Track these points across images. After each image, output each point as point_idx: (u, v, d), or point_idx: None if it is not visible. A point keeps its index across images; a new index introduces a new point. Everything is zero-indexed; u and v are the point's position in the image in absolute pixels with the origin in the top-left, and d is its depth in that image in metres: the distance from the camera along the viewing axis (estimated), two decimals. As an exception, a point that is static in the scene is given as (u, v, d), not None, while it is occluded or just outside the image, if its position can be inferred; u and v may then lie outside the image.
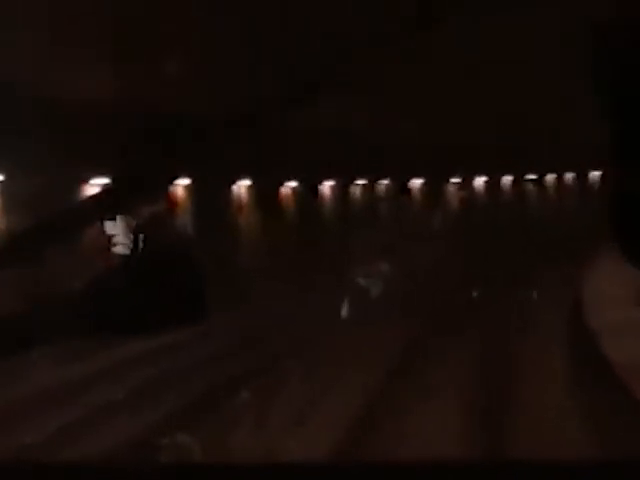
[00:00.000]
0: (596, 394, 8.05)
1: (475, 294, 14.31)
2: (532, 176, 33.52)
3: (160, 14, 15.55)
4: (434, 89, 22.76)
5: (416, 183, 31.42)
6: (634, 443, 6.37)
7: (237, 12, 15.98)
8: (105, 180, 16.65)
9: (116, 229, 13.85)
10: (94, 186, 16.38)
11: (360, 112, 23.08)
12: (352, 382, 9.20)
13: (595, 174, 31.10)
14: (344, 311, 13.14)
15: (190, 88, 17.34)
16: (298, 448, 7.05)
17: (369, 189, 29.43)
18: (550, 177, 33.89)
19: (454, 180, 33.82)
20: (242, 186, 22.49)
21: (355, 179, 28.94)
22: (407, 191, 30.74)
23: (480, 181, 34.05)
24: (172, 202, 19.04)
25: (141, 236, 14.38)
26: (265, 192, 22.81)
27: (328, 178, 27.22)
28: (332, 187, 27.67)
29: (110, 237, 13.62)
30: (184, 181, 19.81)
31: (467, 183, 33.63)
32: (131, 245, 13.66)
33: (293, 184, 25.20)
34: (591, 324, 10.73)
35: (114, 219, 14.00)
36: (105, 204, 15.60)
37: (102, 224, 13.88)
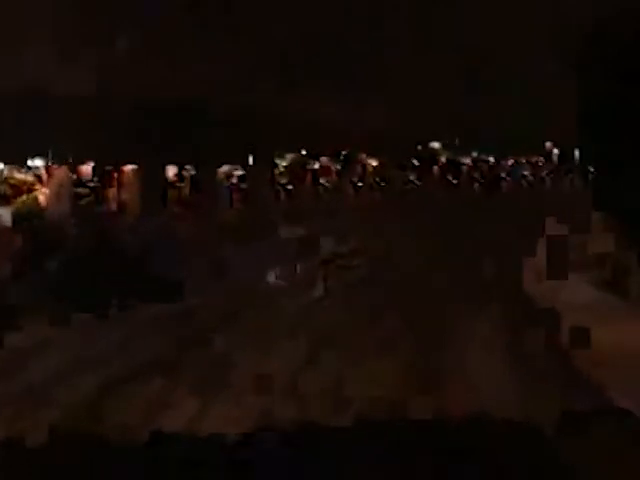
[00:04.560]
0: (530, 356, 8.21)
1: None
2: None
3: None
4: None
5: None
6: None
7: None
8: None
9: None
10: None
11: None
12: (283, 350, 9.08)
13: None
14: (271, 282, 12.96)
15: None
16: (233, 415, 7.03)
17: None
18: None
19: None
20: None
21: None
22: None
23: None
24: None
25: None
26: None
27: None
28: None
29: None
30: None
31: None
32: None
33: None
34: (529, 290, 10.73)
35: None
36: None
37: None
